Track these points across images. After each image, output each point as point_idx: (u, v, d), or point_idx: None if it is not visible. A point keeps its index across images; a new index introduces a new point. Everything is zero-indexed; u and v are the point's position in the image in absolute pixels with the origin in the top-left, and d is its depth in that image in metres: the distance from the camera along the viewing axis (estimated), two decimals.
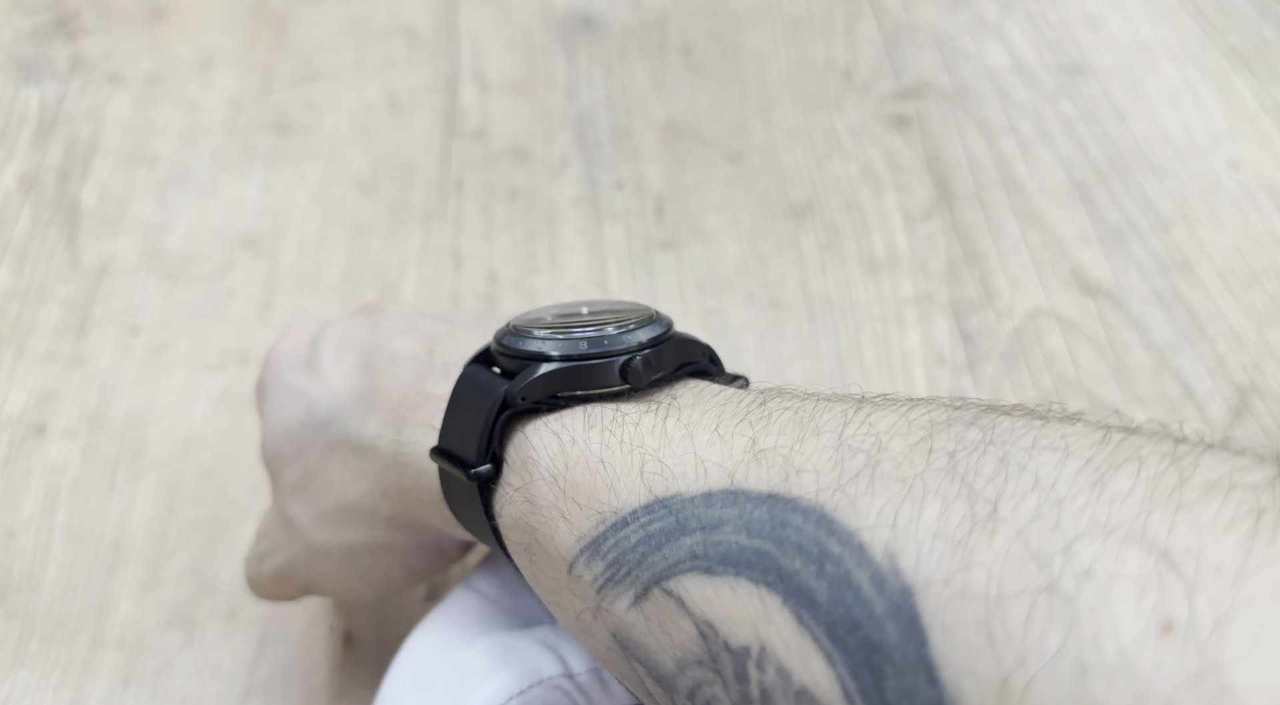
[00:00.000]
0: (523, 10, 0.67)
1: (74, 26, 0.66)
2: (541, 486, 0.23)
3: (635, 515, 0.21)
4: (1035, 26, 0.64)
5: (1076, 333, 0.49)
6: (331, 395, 0.30)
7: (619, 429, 0.23)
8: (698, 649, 0.19)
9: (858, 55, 0.63)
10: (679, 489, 0.21)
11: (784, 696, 0.17)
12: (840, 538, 0.18)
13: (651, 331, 0.25)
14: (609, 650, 0.22)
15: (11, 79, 0.63)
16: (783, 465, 0.19)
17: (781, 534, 0.18)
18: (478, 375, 0.26)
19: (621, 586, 0.21)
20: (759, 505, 0.19)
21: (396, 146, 0.59)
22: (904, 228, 0.54)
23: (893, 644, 0.16)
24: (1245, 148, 0.56)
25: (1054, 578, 0.15)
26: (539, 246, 0.54)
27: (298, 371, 0.32)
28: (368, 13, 0.67)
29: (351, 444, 0.30)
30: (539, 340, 0.25)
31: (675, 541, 0.20)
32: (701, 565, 0.19)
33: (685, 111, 0.60)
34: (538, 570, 0.24)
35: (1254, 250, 0.52)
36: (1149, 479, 0.16)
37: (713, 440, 0.21)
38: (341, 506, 0.31)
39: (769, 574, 0.18)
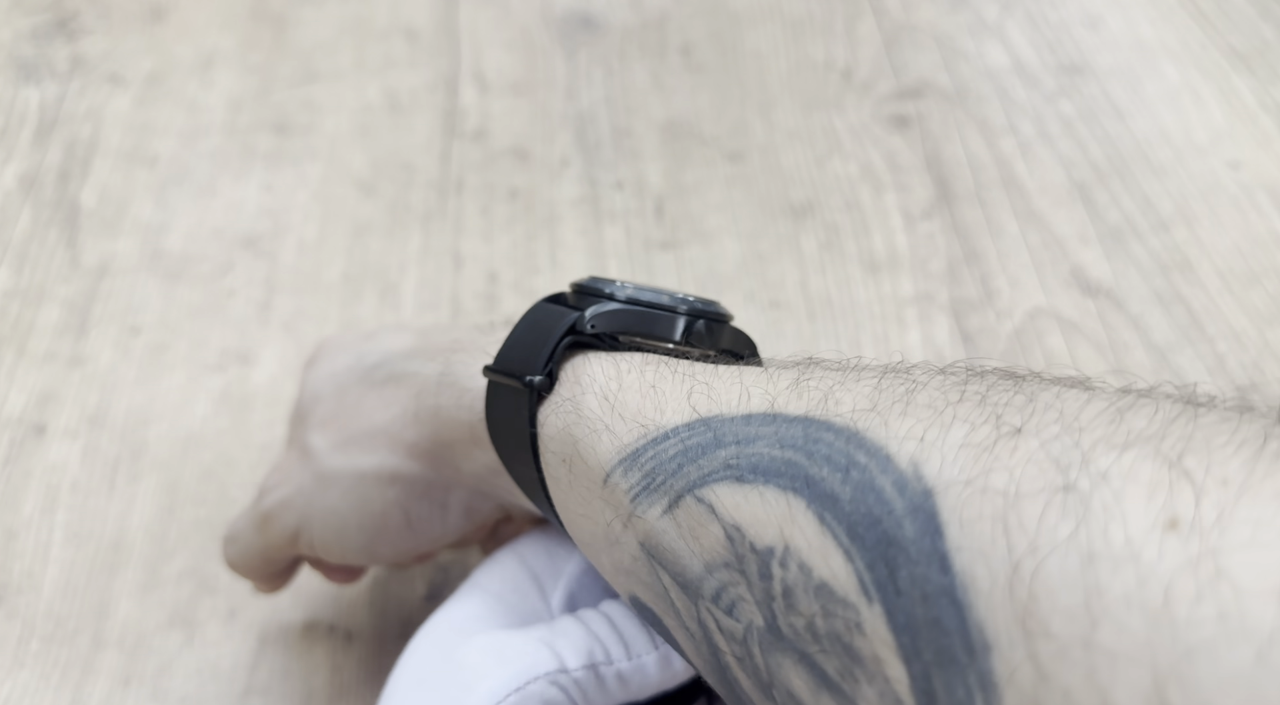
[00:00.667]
0: (523, 10, 0.67)
1: (74, 26, 0.66)
2: (591, 401, 0.25)
3: (676, 431, 0.22)
4: (1035, 26, 0.64)
5: (1076, 333, 0.49)
6: (382, 349, 0.33)
7: (675, 364, 0.25)
8: (725, 552, 0.20)
9: (858, 55, 0.63)
10: (721, 410, 0.22)
11: (804, 591, 0.18)
12: (868, 450, 0.19)
13: (716, 310, 0.28)
14: (634, 561, 0.23)
15: (11, 79, 0.63)
16: (823, 395, 0.21)
17: (813, 448, 0.20)
18: (547, 308, 0.28)
19: (655, 494, 0.22)
20: (794, 424, 0.20)
21: (396, 147, 0.59)
22: (904, 228, 0.54)
23: (909, 538, 0.17)
24: (1245, 148, 0.56)
25: (1071, 479, 0.16)
26: (539, 246, 0.54)
27: (354, 340, 0.35)
28: (368, 13, 0.67)
29: (394, 377, 0.32)
30: (617, 285, 0.28)
31: (711, 454, 0.21)
32: (734, 474, 0.20)
33: (685, 111, 0.60)
34: (574, 478, 0.25)
35: (1254, 250, 0.52)
36: (1164, 417, 0.17)
37: (759, 376, 0.23)
38: (364, 431, 0.32)
39: (796, 480, 0.19)
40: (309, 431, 0.33)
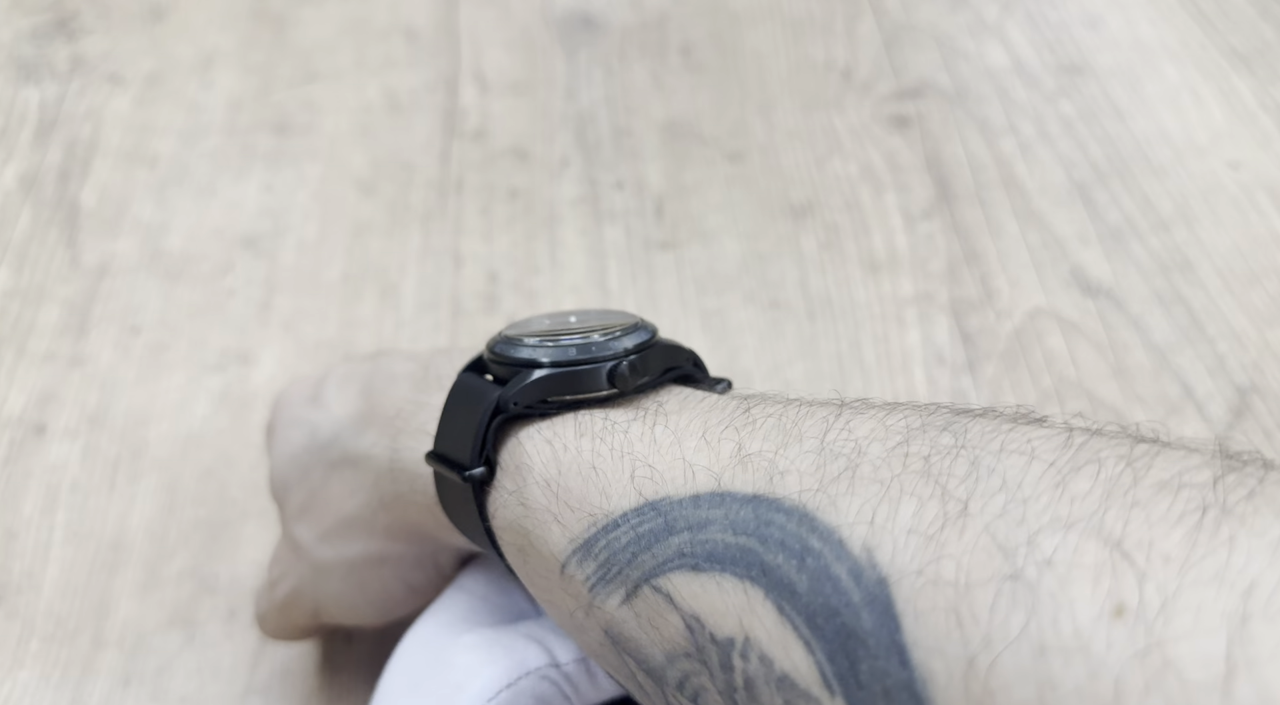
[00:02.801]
0: (523, 10, 0.67)
1: (74, 26, 0.66)
2: (535, 490, 0.24)
3: (626, 518, 0.22)
4: (1035, 26, 0.64)
5: (1076, 333, 0.49)
6: (332, 419, 0.32)
7: (610, 436, 0.24)
8: (685, 642, 0.20)
9: (858, 55, 0.63)
10: (668, 492, 0.21)
11: (766, 684, 0.18)
12: (821, 534, 0.19)
13: (637, 338, 0.26)
14: (601, 645, 0.23)
15: (11, 79, 0.63)
16: (767, 468, 0.20)
17: (765, 532, 0.19)
18: (471, 382, 0.27)
19: (613, 585, 0.22)
20: (744, 505, 0.20)
21: (396, 146, 0.59)
22: (904, 228, 0.54)
23: (867, 630, 0.17)
24: (1245, 148, 0.56)
25: (1018, 567, 0.16)
26: (539, 246, 0.54)
27: (303, 406, 0.34)
28: (368, 13, 0.67)
29: (350, 459, 0.31)
30: (529, 347, 0.26)
31: (664, 541, 0.21)
32: (689, 562, 0.20)
33: (685, 111, 0.60)
34: (531, 570, 0.25)
35: (1254, 250, 0.52)
36: (1106, 479, 0.17)
37: (700, 446, 0.22)
38: (341, 521, 0.31)
39: (753, 569, 0.19)
40: (292, 523, 0.33)
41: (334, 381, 0.34)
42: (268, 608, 0.37)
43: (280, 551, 0.35)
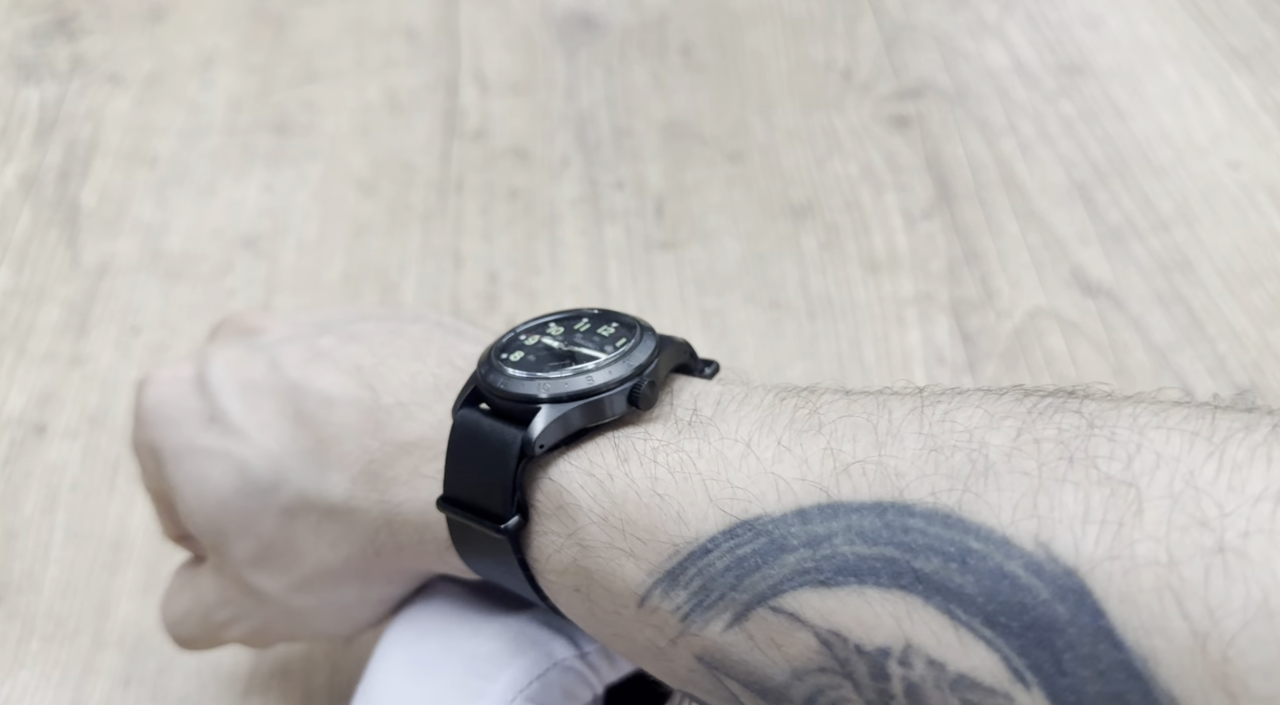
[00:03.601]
0: (523, 10, 0.67)
1: (74, 26, 0.66)
2: (592, 529, 0.23)
3: (716, 542, 0.21)
4: (1035, 26, 0.64)
5: (1076, 333, 0.49)
6: (266, 454, 0.28)
7: (661, 457, 0.22)
8: (820, 657, 0.20)
9: (858, 55, 0.63)
10: (762, 509, 0.21)
11: (937, 686, 0.18)
12: (977, 534, 0.18)
13: (646, 348, 0.25)
14: (691, 671, 0.22)
15: (11, 79, 0.63)
16: (878, 472, 0.20)
17: (905, 539, 0.19)
18: (479, 424, 0.24)
19: (713, 611, 0.21)
20: (866, 514, 0.19)
21: (396, 146, 0.59)
22: (904, 228, 0.54)
23: (1065, 620, 0.17)
24: (1245, 148, 0.56)
25: (1220, 538, 0.16)
26: (539, 246, 0.54)
27: (202, 428, 0.28)
28: (368, 13, 0.67)
29: (317, 508, 0.28)
30: (538, 380, 0.24)
31: (775, 561, 0.20)
32: (814, 579, 0.19)
33: (685, 111, 0.60)
34: (594, 608, 0.23)
35: (1254, 250, 0.52)
36: (1255, 445, 0.17)
37: (780, 455, 0.21)
38: (324, 572, 0.29)
39: (902, 578, 0.19)
40: (242, 571, 0.29)
41: (230, 391, 0.28)
42: (204, 638, 0.33)
43: (228, 594, 0.31)
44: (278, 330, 0.30)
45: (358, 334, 0.29)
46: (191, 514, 0.29)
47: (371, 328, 0.29)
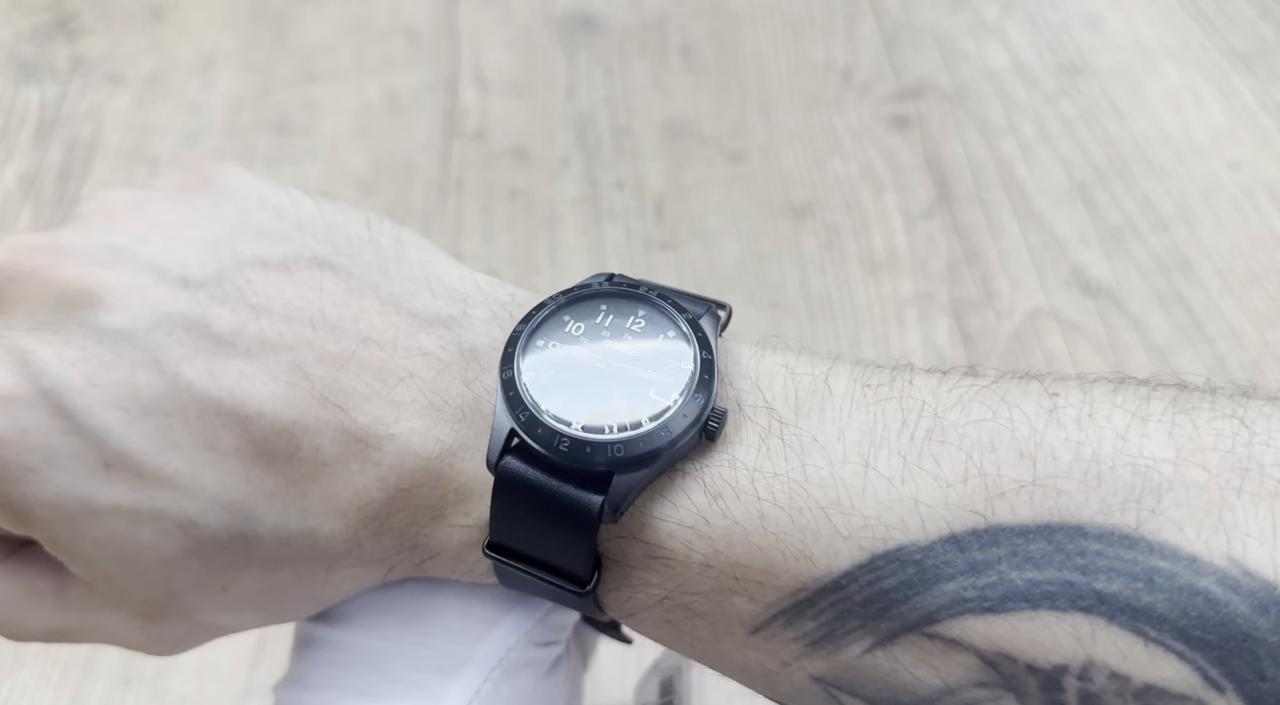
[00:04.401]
0: (523, 10, 0.67)
1: (74, 26, 0.66)
2: (691, 576, 0.20)
3: (851, 576, 0.19)
4: (1035, 26, 0.64)
5: (1076, 333, 0.49)
6: (216, 505, 0.21)
7: (763, 489, 0.20)
8: (979, 674, 0.19)
9: (858, 55, 0.63)
10: (905, 539, 0.19)
11: (1118, 695, 0.18)
12: (1162, 553, 0.18)
13: (710, 370, 0.21)
14: (798, 689, 0.21)
15: (11, 79, 0.63)
16: (1037, 493, 0.19)
17: (1081, 562, 0.18)
18: (539, 487, 0.20)
19: (849, 638, 0.20)
20: (1033, 539, 0.18)
21: (396, 146, 0.59)
22: (904, 228, 0.54)
23: (1267, 630, 0.17)
24: (1245, 148, 0.56)
25: None
26: (539, 246, 0.54)
27: (95, 478, 0.20)
28: (368, 13, 0.67)
29: (313, 558, 0.22)
30: (606, 442, 0.20)
31: (928, 591, 0.19)
32: (977, 607, 0.19)
33: (685, 111, 0.60)
34: (695, 636, 0.21)
35: (1254, 250, 0.52)
36: None
37: (910, 473, 0.19)
38: (321, 602, 0.24)
39: (1082, 600, 0.18)
40: (203, 617, 0.23)
41: (120, 422, 0.20)
42: (44, 636, 0.24)
43: (129, 630, 0.23)
44: (125, 295, 0.21)
45: (256, 293, 0.22)
46: (114, 581, 0.21)
47: (269, 281, 0.22)
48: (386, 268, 0.23)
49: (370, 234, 0.24)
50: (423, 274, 0.23)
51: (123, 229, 0.22)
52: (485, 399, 0.21)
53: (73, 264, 0.21)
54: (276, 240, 0.23)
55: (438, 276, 0.23)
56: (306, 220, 0.23)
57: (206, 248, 0.22)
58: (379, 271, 0.23)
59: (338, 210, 0.24)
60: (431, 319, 0.22)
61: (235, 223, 0.23)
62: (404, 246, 0.24)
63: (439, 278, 0.23)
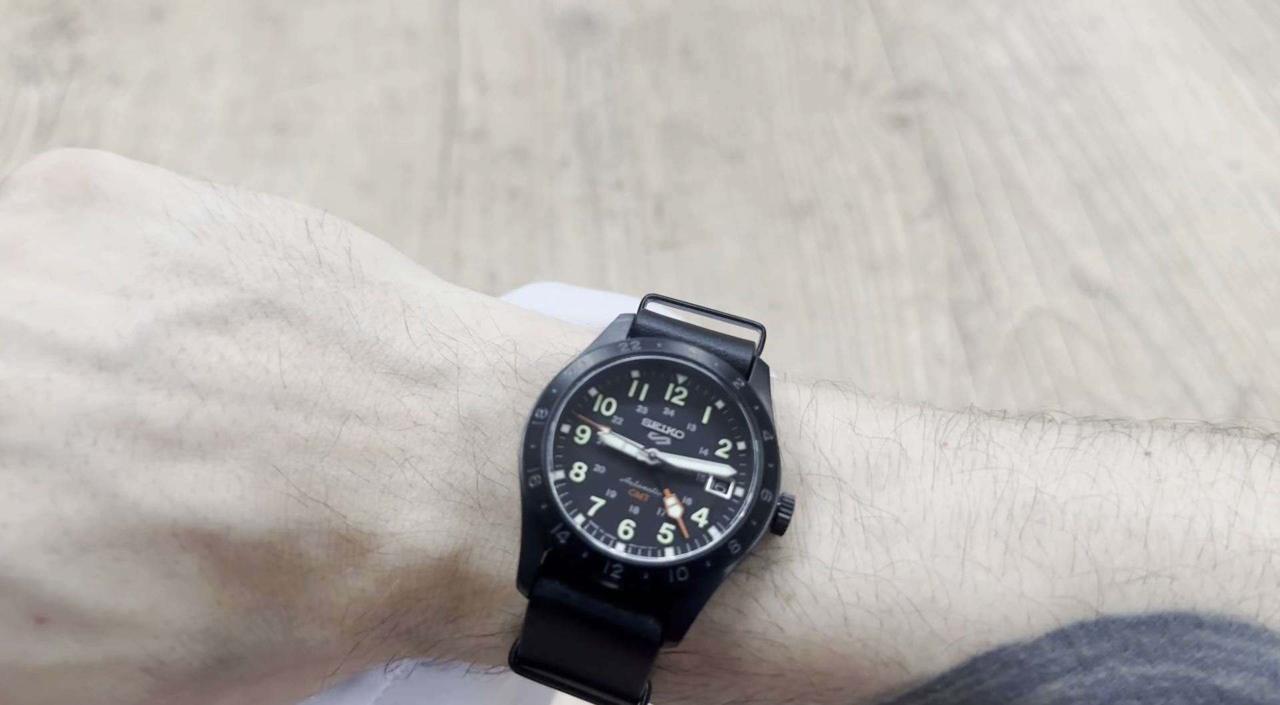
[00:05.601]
0: (523, 10, 0.67)
1: (74, 26, 0.66)
2: (761, 686, 0.18)
3: (947, 680, 0.17)
4: (1035, 26, 0.64)
5: (1076, 333, 0.49)
6: (184, 637, 0.17)
7: (845, 589, 0.17)
8: None
9: (858, 55, 0.63)
10: (1009, 638, 0.17)
11: None
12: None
13: (770, 452, 0.18)
14: None
15: (11, 79, 0.63)
16: (1144, 580, 0.17)
17: (1198, 655, 0.17)
18: (585, 611, 0.17)
19: None
20: (1145, 631, 0.17)
21: (396, 146, 0.59)
22: (904, 228, 0.54)
23: None
24: (1245, 148, 0.56)
25: None
26: (539, 246, 0.54)
27: (20, 636, 0.16)
28: (368, 13, 0.67)
29: (305, 665, 0.19)
30: (664, 564, 0.17)
31: (1031, 691, 0.17)
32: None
33: (685, 111, 0.60)
34: None
35: (1254, 250, 0.52)
36: None
37: (1013, 562, 0.17)
38: (310, 696, 0.21)
39: (1200, 697, 0.17)
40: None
41: (51, 568, 0.16)
42: None
43: None
44: (23, 395, 0.16)
45: (195, 366, 0.17)
46: None
47: (206, 346, 0.17)
48: (345, 299, 0.19)
49: (315, 247, 0.19)
50: (390, 303, 0.19)
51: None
52: (499, 482, 0.18)
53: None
54: (204, 280, 0.18)
55: (409, 308, 0.19)
56: (233, 239, 0.18)
57: (116, 305, 0.17)
58: (338, 308, 0.18)
59: (265, 214, 0.19)
60: (415, 374, 0.18)
61: (142, 254, 0.18)
62: (358, 262, 0.20)
63: (411, 309, 0.19)
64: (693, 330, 0.20)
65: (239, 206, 0.19)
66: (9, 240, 0.17)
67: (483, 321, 0.19)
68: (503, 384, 0.18)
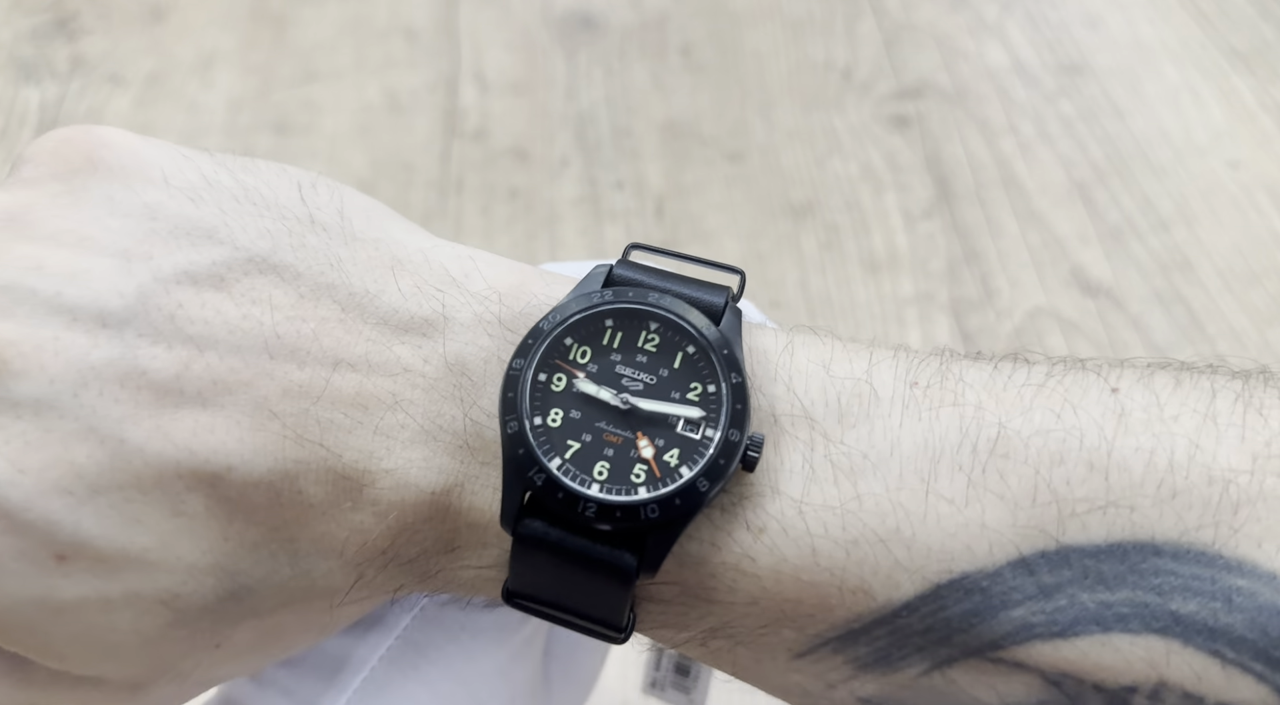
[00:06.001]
0: (523, 10, 0.67)
1: (74, 26, 0.66)
2: (736, 613, 0.19)
3: (912, 607, 0.18)
4: (1035, 26, 0.64)
5: (1076, 332, 0.49)
6: (195, 571, 0.18)
7: (813, 521, 0.18)
8: (1041, 694, 0.18)
9: (858, 55, 0.63)
10: (970, 566, 0.18)
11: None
12: (1240, 571, 0.17)
13: (738, 387, 0.19)
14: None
15: (11, 79, 0.63)
16: (1104, 510, 0.18)
17: (1155, 582, 0.17)
18: (563, 547, 0.18)
19: (904, 663, 0.19)
20: (1105, 559, 0.18)
21: (396, 146, 0.59)
22: (904, 227, 0.54)
23: None
24: (1245, 148, 0.56)
25: None
26: (539, 246, 0.54)
27: (50, 574, 0.17)
28: (368, 13, 0.67)
29: (312, 597, 0.20)
30: (637, 502, 0.18)
31: (993, 617, 0.18)
32: (1046, 632, 0.18)
33: (685, 111, 0.60)
34: (722, 659, 0.20)
35: (1254, 250, 0.52)
36: None
37: (976, 494, 0.18)
38: (324, 632, 0.22)
39: (1156, 622, 0.17)
40: (200, 676, 0.21)
41: (67, 508, 0.17)
42: None
43: (153, 699, 0.21)
44: (34, 353, 0.17)
45: (192, 321, 0.18)
46: (91, 666, 0.19)
47: (203, 302, 0.18)
48: (337, 256, 0.20)
49: (308, 208, 0.20)
50: (380, 258, 0.20)
51: (5, 258, 0.18)
52: (486, 425, 0.19)
53: None
54: (201, 241, 0.19)
55: (399, 262, 0.20)
56: (228, 202, 0.20)
57: (117, 267, 0.18)
58: (329, 263, 0.19)
59: (260, 178, 0.20)
60: (405, 324, 0.19)
61: (142, 219, 0.19)
62: (349, 220, 0.20)
63: (401, 263, 0.20)
64: (668, 277, 0.20)
65: (235, 172, 0.20)
66: (19, 211, 0.19)
67: (470, 274, 0.20)
68: (488, 333, 0.19)
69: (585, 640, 0.27)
